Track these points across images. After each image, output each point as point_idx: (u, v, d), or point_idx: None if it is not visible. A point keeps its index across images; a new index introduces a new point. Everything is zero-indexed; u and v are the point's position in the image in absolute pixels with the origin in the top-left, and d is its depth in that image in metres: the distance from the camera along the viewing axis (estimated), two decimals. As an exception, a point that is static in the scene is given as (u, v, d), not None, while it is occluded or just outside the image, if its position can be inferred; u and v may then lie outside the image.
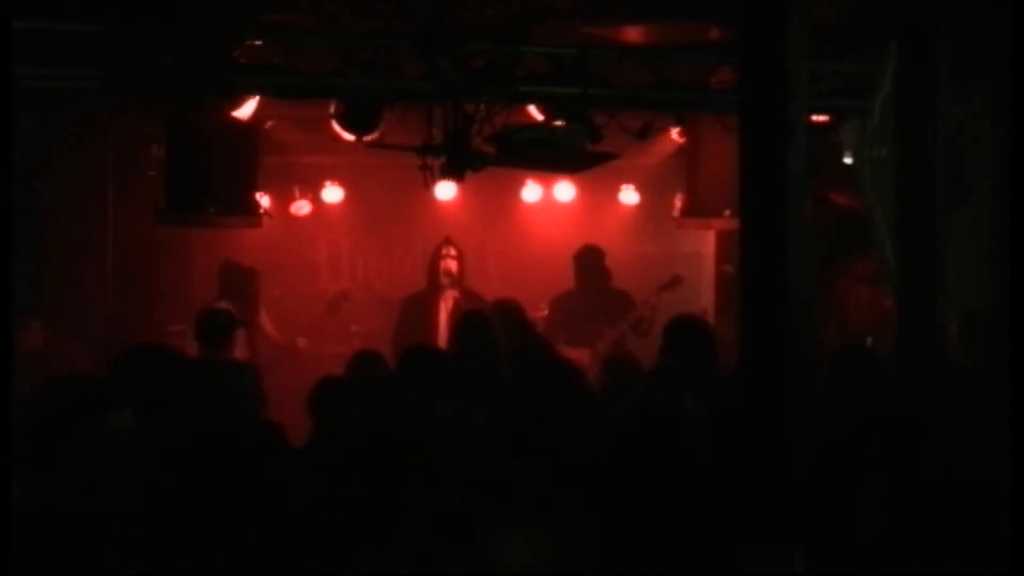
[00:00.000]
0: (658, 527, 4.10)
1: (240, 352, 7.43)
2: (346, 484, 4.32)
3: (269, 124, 8.66)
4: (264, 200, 8.52)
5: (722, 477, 4.40)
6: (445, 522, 4.14)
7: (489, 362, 6.24)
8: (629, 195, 10.52)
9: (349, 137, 7.43)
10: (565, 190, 10.41)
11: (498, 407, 5.49)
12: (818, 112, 7.49)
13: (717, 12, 6.57)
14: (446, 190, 9.54)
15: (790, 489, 3.92)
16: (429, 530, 4.13)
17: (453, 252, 8.79)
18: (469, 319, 6.69)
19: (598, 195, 10.46)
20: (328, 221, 10.36)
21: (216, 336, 6.89)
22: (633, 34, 7.24)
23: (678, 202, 8.84)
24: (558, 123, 6.88)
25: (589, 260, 8.91)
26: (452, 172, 6.44)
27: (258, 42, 6.83)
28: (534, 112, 7.18)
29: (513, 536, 4.04)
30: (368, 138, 7.39)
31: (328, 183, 10.10)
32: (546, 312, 8.73)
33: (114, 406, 4.08)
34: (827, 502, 4.32)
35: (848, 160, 7.73)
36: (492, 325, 6.58)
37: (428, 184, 6.66)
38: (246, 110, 7.46)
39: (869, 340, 7.84)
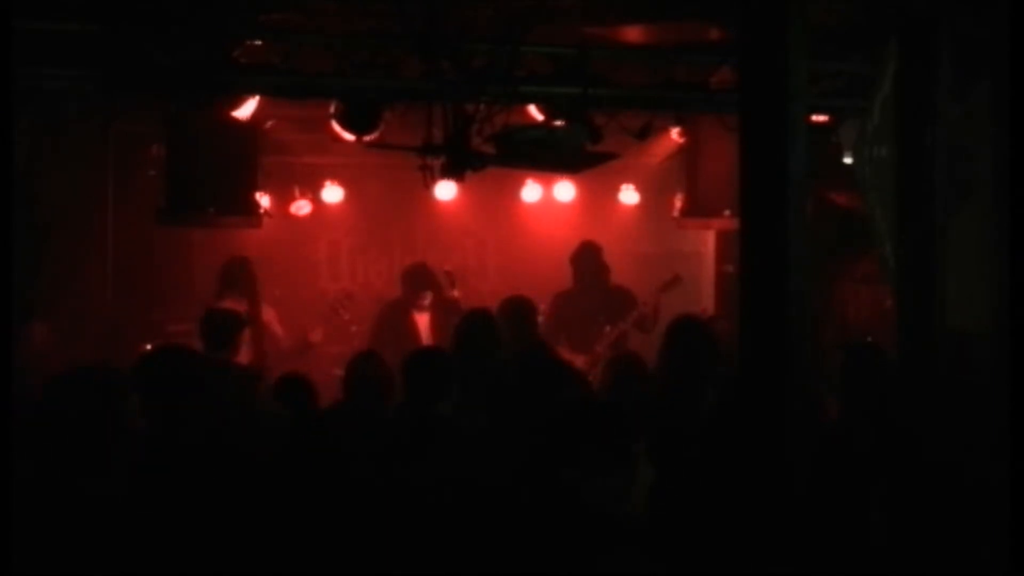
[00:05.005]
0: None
1: (245, 352, 7.41)
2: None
3: (269, 124, 8.65)
4: (264, 200, 8.51)
5: (724, 478, 4.41)
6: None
7: (491, 362, 6.23)
8: (629, 195, 10.52)
9: (349, 137, 7.43)
10: (565, 190, 10.42)
11: (499, 408, 5.51)
12: (818, 112, 7.49)
13: (717, 12, 6.57)
14: (446, 190, 9.55)
15: (789, 490, 3.92)
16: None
17: (427, 300, 8.76)
18: (473, 318, 6.69)
19: (598, 195, 10.46)
20: (328, 221, 10.36)
21: (222, 338, 6.87)
22: (633, 34, 7.23)
23: (678, 202, 8.83)
24: (558, 123, 6.88)
25: (587, 258, 8.89)
26: (452, 172, 6.44)
27: (258, 42, 6.83)
28: (534, 112, 7.18)
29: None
30: (368, 138, 7.38)
31: (328, 183, 10.10)
32: (547, 312, 8.72)
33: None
34: (830, 503, 4.32)
35: (848, 160, 7.72)
36: (495, 325, 6.58)
37: (428, 184, 6.65)
38: (246, 110, 7.46)
39: (869, 340, 7.83)
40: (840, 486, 4.55)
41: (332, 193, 10.16)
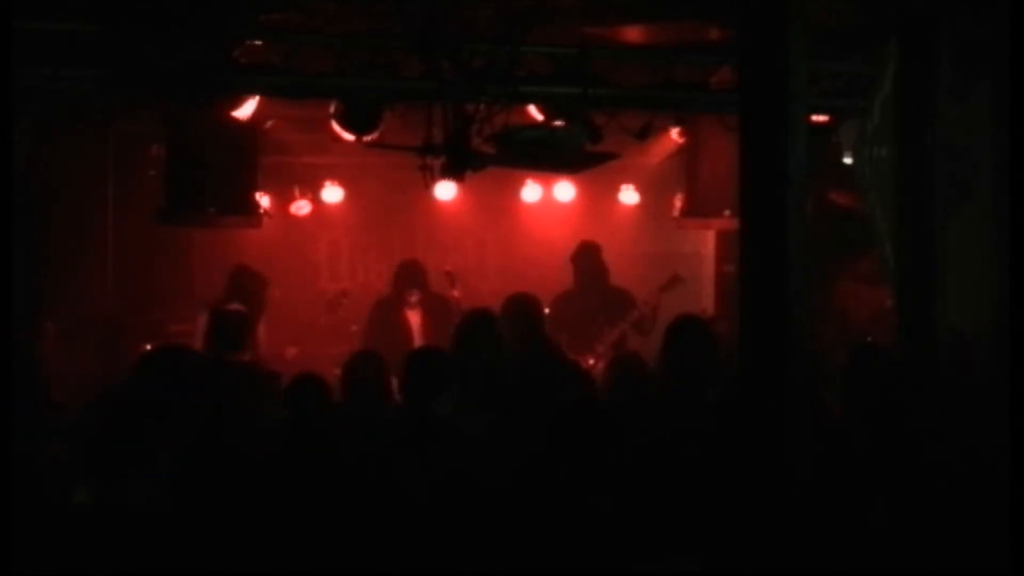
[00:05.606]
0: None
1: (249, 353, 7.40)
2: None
3: (269, 124, 8.66)
4: (264, 200, 8.51)
5: (724, 477, 4.41)
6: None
7: (491, 362, 6.23)
8: (629, 195, 10.53)
9: (349, 137, 7.43)
10: (565, 190, 10.42)
11: (499, 408, 5.50)
12: (818, 112, 7.49)
13: (717, 12, 6.57)
14: (446, 190, 9.55)
15: (789, 490, 3.92)
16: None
17: (415, 297, 8.79)
18: (473, 318, 6.68)
19: (598, 195, 10.46)
20: (328, 221, 10.37)
21: (233, 338, 6.81)
22: (633, 34, 7.24)
23: (678, 202, 8.84)
24: (558, 123, 6.88)
25: (586, 258, 8.89)
26: (452, 172, 6.44)
27: (258, 42, 6.83)
28: (534, 112, 7.18)
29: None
30: (368, 138, 7.39)
31: (328, 183, 10.10)
32: (547, 313, 8.71)
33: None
34: (830, 502, 4.32)
35: (848, 160, 7.72)
36: (495, 325, 6.57)
37: (428, 184, 6.65)
38: (246, 110, 7.46)
39: (869, 340, 7.83)
40: (841, 486, 4.55)
41: (332, 193, 10.16)
